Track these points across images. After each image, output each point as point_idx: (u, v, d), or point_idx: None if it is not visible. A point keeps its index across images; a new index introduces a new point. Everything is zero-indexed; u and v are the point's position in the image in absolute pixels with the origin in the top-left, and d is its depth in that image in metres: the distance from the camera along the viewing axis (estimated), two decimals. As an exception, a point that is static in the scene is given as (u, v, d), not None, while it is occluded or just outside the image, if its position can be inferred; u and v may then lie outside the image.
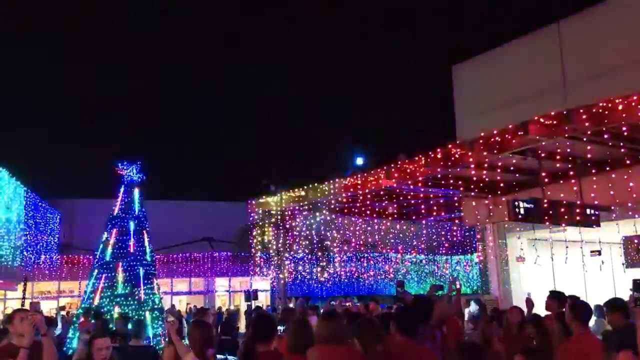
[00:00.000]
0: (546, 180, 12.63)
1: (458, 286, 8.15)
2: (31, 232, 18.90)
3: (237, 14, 58.40)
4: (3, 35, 47.67)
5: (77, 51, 53.26)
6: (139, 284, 12.64)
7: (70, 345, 11.60)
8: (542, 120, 10.52)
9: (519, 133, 10.80)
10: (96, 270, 12.81)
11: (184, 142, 49.70)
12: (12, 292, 23.26)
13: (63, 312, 18.75)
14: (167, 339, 6.16)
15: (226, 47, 57.13)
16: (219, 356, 6.34)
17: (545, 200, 11.53)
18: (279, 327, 5.36)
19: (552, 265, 15.40)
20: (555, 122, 10.37)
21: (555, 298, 6.97)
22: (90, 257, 18.39)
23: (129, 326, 8.76)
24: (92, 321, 10.49)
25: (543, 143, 11.11)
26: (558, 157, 11.86)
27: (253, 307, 20.58)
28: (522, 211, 11.19)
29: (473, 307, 11.98)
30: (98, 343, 4.99)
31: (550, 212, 11.36)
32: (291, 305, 16.02)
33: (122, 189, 13.43)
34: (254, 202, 20.15)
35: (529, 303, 7.97)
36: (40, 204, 19.59)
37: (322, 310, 10.22)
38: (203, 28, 57.30)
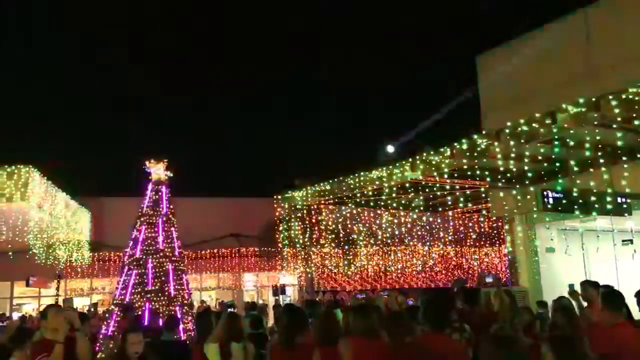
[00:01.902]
0: (575, 169, 12.44)
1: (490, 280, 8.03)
2: (63, 231, 19.26)
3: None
4: (34, 33, 48.50)
5: (105, 50, 54.02)
6: (169, 280, 12.82)
7: (103, 342, 11.82)
8: (570, 108, 10.35)
9: (547, 122, 10.66)
10: (126, 267, 13.03)
11: (209, 140, 50.06)
12: (46, 290, 23.80)
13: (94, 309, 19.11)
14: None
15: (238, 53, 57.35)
16: None
17: (575, 190, 11.36)
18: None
19: (583, 256, 15.18)
20: (583, 109, 10.20)
21: (595, 287, 6.83)
22: (121, 254, 18.70)
23: (160, 322, 8.92)
24: (121, 314, 10.69)
25: (572, 131, 10.94)
26: (587, 145, 11.66)
27: (282, 302, 20.72)
28: (551, 201, 11.06)
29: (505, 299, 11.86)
30: (131, 338, 5.08)
31: (580, 201, 11.20)
32: (317, 298, 16.11)
33: (149, 187, 13.61)
34: (279, 197, 20.24)
35: (576, 294, 7.54)
36: (70, 202, 19.94)
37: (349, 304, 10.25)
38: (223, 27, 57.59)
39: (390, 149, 21.65)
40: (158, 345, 6.32)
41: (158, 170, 13.72)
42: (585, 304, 7.06)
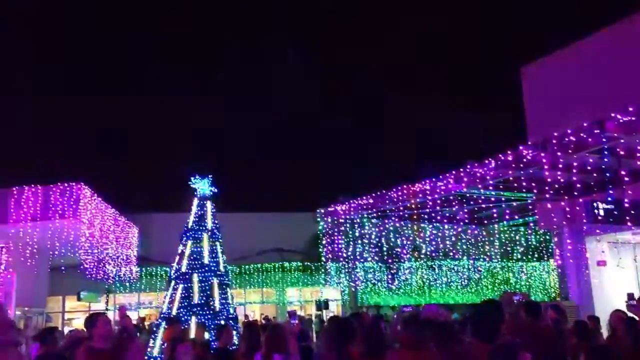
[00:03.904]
0: (626, 179, 12.07)
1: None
2: (112, 246, 19.75)
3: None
4: (74, 52, 50.37)
5: (151, 67, 55.52)
6: (214, 294, 12.98)
7: (151, 354, 12.03)
8: (619, 116, 10.10)
9: (595, 131, 10.43)
10: (173, 282, 13.25)
11: (253, 155, 50.73)
12: (95, 304, 24.39)
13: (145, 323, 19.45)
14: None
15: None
16: None
17: (627, 201, 11.04)
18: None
19: (636, 269, 14.70)
20: (633, 118, 9.94)
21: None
22: (167, 269, 19.06)
23: (206, 335, 9.03)
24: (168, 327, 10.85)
25: (622, 141, 10.67)
26: (639, 154, 11.32)
27: (324, 317, 20.68)
28: (601, 212, 10.80)
29: (550, 314, 11.55)
30: (181, 348, 5.16)
31: (632, 212, 10.88)
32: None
33: (195, 203, 13.86)
34: (322, 211, 20.29)
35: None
36: (119, 218, 20.44)
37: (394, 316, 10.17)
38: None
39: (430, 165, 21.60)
40: (206, 354, 6.39)
41: (203, 186, 13.98)
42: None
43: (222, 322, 12.22)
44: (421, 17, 54.85)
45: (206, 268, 13.20)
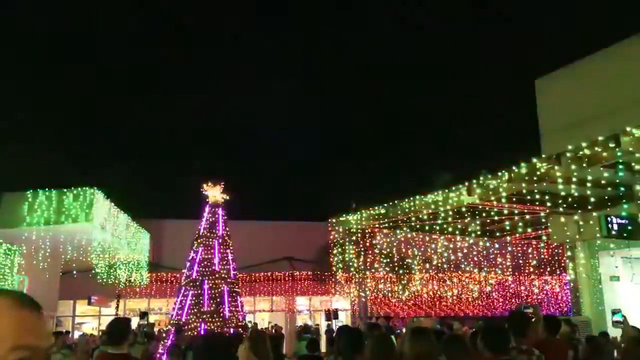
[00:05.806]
0: (641, 194, 11.98)
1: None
2: (123, 251, 19.83)
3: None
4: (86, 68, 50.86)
5: (164, 82, 55.98)
6: (224, 301, 13.01)
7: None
8: (634, 131, 10.02)
9: (610, 145, 10.35)
10: (183, 288, 13.30)
11: (265, 164, 50.90)
12: (106, 309, 24.48)
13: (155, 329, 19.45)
14: None
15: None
16: None
17: (641, 216, 10.93)
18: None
19: (650, 285, 14.51)
20: (649, 132, 9.86)
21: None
22: (178, 275, 19.06)
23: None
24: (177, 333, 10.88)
25: (637, 155, 10.58)
26: (654, 169, 11.23)
27: (334, 326, 20.60)
28: (615, 227, 10.72)
29: (563, 329, 11.45)
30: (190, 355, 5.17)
31: (647, 227, 10.77)
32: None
33: (206, 209, 13.93)
34: (334, 220, 20.27)
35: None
36: (131, 224, 20.53)
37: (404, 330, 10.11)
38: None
39: (446, 175, 21.51)
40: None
41: (215, 192, 14.04)
42: None
43: (232, 330, 12.24)
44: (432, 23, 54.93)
45: (216, 275, 13.24)
